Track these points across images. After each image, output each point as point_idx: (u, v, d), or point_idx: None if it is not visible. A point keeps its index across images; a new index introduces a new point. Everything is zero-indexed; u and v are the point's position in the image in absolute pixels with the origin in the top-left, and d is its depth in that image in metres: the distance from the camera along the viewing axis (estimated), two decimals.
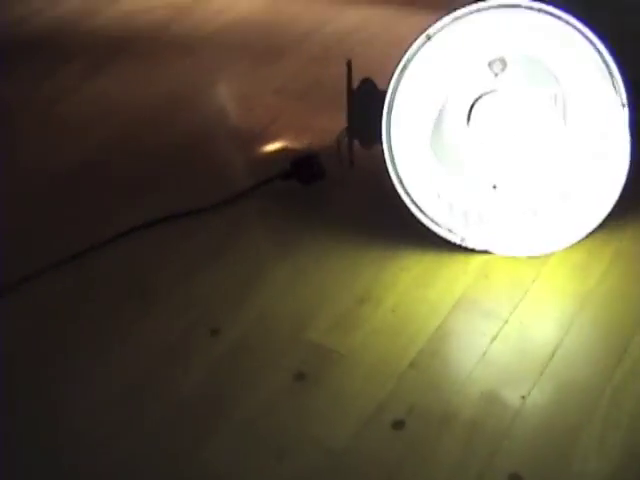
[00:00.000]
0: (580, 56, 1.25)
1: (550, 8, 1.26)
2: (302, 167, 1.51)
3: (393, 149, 1.33)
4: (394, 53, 1.32)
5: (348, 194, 1.48)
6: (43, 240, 1.45)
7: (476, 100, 1.32)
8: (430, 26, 1.27)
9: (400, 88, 1.31)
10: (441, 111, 1.32)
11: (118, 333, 1.29)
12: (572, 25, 1.25)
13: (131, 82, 1.83)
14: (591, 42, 1.25)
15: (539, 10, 1.26)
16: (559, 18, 1.25)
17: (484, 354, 1.20)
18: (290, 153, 1.55)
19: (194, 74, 1.85)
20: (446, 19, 1.27)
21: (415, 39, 1.28)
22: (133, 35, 1.99)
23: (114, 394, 1.21)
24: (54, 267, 1.39)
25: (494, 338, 1.21)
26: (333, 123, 1.44)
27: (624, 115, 1.25)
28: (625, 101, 1.25)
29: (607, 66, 1.25)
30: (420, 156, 1.34)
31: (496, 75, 1.31)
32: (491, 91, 1.31)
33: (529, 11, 1.27)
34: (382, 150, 1.33)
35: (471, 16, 1.28)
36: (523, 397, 1.14)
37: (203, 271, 1.38)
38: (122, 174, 1.59)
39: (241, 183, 1.52)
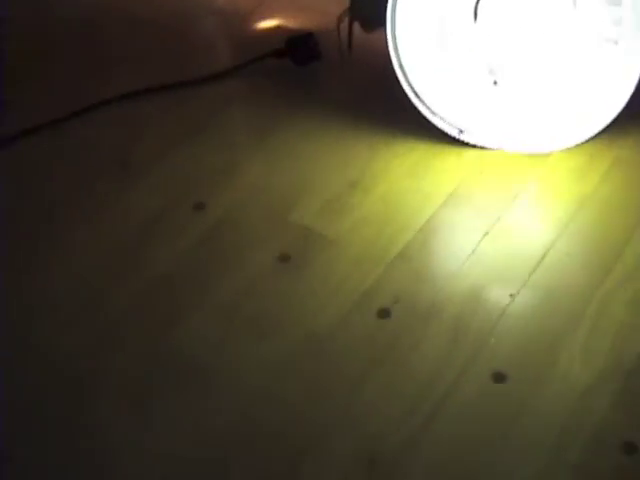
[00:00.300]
0: None
1: None
2: (297, 46, 1.45)
3: (397, 34, 1.28)
4: None
5: (344, 78, 1.43)
6: (21, 105, 1.40)
7: None
8: None
9: None
10: (448, 1, 1.27)
11: (100, 202, 1.25)
12: None
13: None
14: None
15: None
16: None
17: (474, 250, 1.17)
18: (286, 32, 1.49)
19: None
20: None
21: None
22: None
23: (93, 265, 1.18)
24: (34, 131, 1.34)
25: (486, 235, 1.19)
26: (332, 5, 1.39)
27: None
28: None
29: None
30: (424, 45, 1.28)
31: None
32: None
33: None
34: (385, 34, 1.28)
35: None
36: (512, 296, 1.12)
37: (190, 145, 1.33)
38: (108, 44, 1.52)
39: (233, 59, 1.46)
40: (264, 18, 1.55)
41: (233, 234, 1.21)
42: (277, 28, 1.53)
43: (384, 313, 1.11)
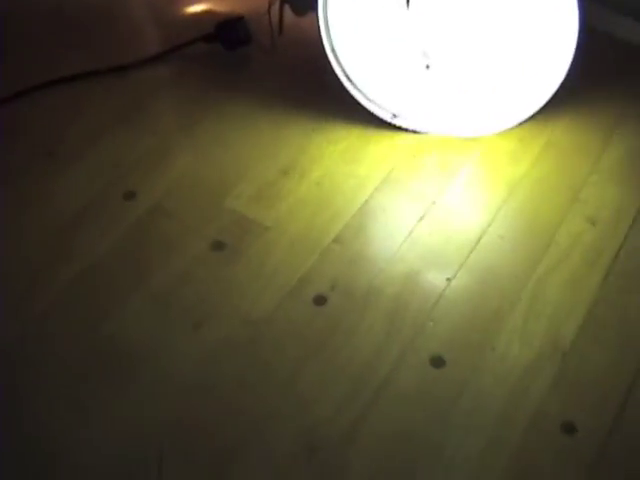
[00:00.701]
0: None
1: None
2: (227, 30, 1.42)
3: (328, 18, 1.26)
4: None
5: (275, 62, 1.41)
6: None
7: None
8: None
9: None
10: None
11: (28, 191, 1.22)
12: None
13: None
14: None
15: None
16: None
17: (410, 234, 1.17)
18: (215, 16, 1.46)
19: None
20: None
21: None
22: None
23: (22, 257, 1.15)
24: None
25: (421, 219, 1.18)
26: None
27: None
28: None
29: None
30: (356, 29, 1.27)
31: None
32: None
33: None
34: (317, 18, 1.26)
35: None
36: (448, 279, 1.12)
37: (120, 132, 1.30)
38: (37, 29, 1.47)
39: (163, 44, 1.43)
40: (194, 2, 1.52)
41: (166, 222, 1.18)
42: (207, 12, 1.50)
43: (321, 299, 1.09)
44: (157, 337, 1.07)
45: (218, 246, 1.15)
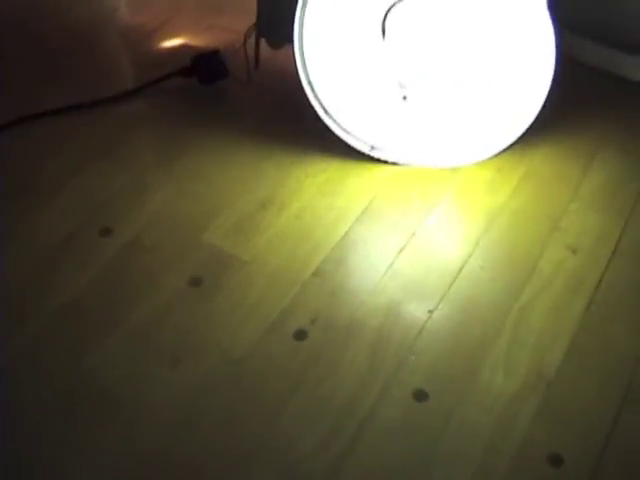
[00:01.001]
0: None
1: None
2: (203, 64, 1.42)
3: (304, 51, 1.26)
4: None
5: (252, 96, 1.40)
6: None
7: (389, 9, 1.26)
8: None
9: None
10: (356, 17, 1.25)
11: (4, 227, 1.20)
12: None
13: None
14: None
15: None
16: None
17: (391, 265, 1.16)
18: (191, 50, 1.46)
19: None
20: None
21: None
22: None
23: (2, 293, 1.13)
24: None
25: (401, 250, 1.17)
26: (239, 22, 1.37)
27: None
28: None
29: None
30: (332, 61, 1.27)
31: None
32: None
33: None
34: (293, 51, 1.26)
35: None
36: (430, 311, 1.10)
37: (94, 168, 1.29)
38: (12, 62, 1.46)
39: (138, 78, 1.42)
40: (170, 36, 1.52)
41: (143, 258, 1.17)
42: (183, 46, 1.50)
43: (301, 334, 1.08)
44: (137, 372, 1.05)
45: (197, 281, 1.14)
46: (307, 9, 1.23)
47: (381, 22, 1.27)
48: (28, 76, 1.44)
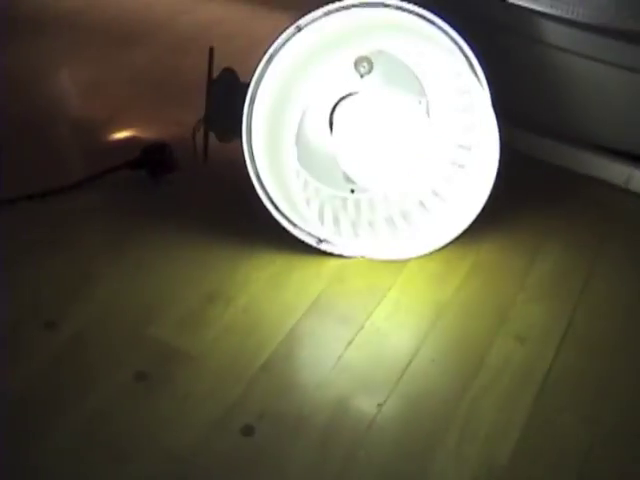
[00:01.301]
0: (441, 54, 1.21)
1: (415, 7, 1.23)
2: (152, 157, 1.42)
3: (253, 144, 1.26)
4: (253, 49, 1.26)
5: (201, 188, 1.41)
6: None
7: (337, 103, 1.28)
8: (301, 17, 1.22)
9: (265, 79, 1.24)
10: (304, 110, 1.26)
11: None
12: (435, 24, 1.23)
13: None
14: (451, 37, 1.23)
15: (409, 11, 1.24)
16: (424, 18, 1.23)
17: (339, 359, 1.15)
18: (140, 142, 1.46)
19: (42, 55, 1.74)
20: (317, 12, 1.22)
21: (284, 30, 1.23)
22: None
23: None
24: None
25: (349, 343, 1.17)
26: (187, 115, 1.37)
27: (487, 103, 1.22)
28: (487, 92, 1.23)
29: (468, 60, 1.24)
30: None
31: (362, 76, 1.28)
32: (354, 93, 1.27)
33: (399, 11, 1.24)
34: (241, 145, 1.26)
35: (342, 12, 1.23)
36: (379, 405, 1.09)
37: (41, 260, 1.27)
38: None
39: (85, 170, 1.41)
40: (119, 128, 1.52)
41: (87, 353, 1.14)
42: (132, 138, 1.50)
43: (248, 430, 1.06)
44: (82, 469, 1.02)
45: (141, 376, 1.11)
46: (255, 104, 1.24)
47: (328, 117, 1.29)
48: None
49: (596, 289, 1.27)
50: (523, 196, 1.39)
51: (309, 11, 1.23)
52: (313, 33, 1.23)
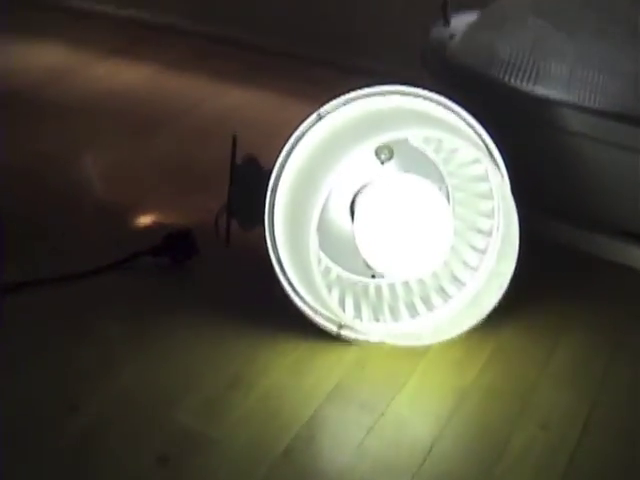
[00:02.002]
0: (460, 142, 1.23)
1: (434, 95, 1.26)
2: (174, 243, 1.45)
3: (275, 232, 1.28)
4: (276, 137, 1.28)
5: (223, 274, 1.42)
6: None
7: (359, 190, 1.29)
8: (322, 105, 1.25)
9: (286, 168, 1.27)
10: (327, 197, 1.28)
11: None
12: (453, 110, 1.26)
13: None
14: (469, 124, 1.26)
15: (428, 99, 1.27)
16: (442, 105, 1.26)
17: (359, 445, 1.14)
18: (162, 229, 1.48)
19: (68, 139, 1.79)
20: (338, 100, 1.25)
21: (306, 118, 1.26)
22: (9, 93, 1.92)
23: None
24: None
25: (370, 430, 1.16)
26: (209, 202, 1.40)
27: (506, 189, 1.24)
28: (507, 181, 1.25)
29: (487, 148, 1.26)
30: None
31: (382, 163, 1.30)
32: (374, 181, 1.29)
33: (418, 99, 1.27)
34: (264, 232, 1.28)
35: (363, 100, 1.26)
36: None
37: (63, 344, 1.28)
38: None
39: (110, 255, 1.44)
40: (143, 214, 1.55)
41: (108, 437, 1.14)
42: (155, 224, 1.53)
43: None
44: None
45: (164, 459, 1.11)
46: (277, 193, 1.26)
47: (349, 204, 1.31)
48: None
49: (618, 375, 1.26)
50: (543, 281, 1.39)
51: (330, 99, 1.26)
52: (334, 121, 1.26)
